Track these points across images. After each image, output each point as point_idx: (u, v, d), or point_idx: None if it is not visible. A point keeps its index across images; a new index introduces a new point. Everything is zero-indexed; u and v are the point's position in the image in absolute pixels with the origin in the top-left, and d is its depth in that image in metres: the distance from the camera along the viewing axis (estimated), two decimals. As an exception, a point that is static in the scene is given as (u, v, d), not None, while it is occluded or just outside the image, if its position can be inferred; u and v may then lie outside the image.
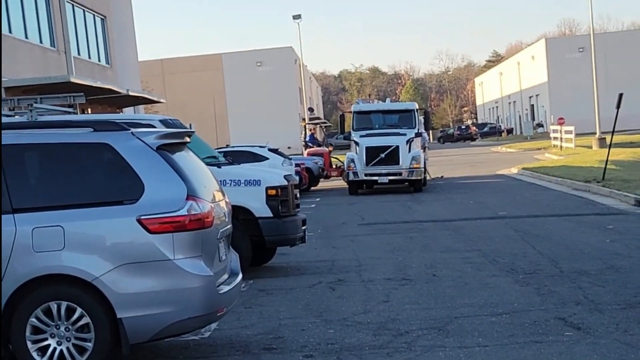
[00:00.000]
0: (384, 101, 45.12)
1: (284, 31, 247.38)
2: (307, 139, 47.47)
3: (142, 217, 8.48)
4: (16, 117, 13.78)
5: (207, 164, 14.97)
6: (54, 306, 8.44)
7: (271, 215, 14.96)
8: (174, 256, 8.52)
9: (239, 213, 14.72)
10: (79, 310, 8.43)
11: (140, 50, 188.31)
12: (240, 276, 9.89)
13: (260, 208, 14.96)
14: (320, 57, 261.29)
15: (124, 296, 8.41)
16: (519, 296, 12.05)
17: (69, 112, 15.67)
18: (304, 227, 15.56)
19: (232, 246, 13.95)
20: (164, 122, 14.76)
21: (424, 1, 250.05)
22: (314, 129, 49.63)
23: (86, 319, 8.44)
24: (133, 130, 8.88)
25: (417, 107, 38.06)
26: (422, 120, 38.83)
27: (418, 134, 36.24)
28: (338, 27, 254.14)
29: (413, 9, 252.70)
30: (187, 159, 9.39)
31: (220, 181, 14.81)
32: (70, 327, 8.46)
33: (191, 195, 8.67)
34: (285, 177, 15.33)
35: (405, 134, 35.37)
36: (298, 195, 15.75)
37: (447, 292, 12.64)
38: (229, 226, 9.75)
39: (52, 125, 9.36)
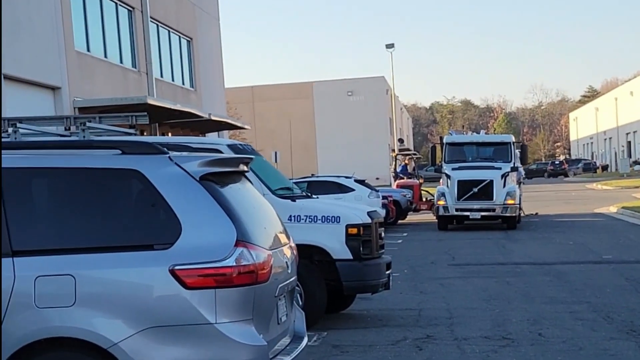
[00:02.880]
0: (478, 133, 43.19)
1: (376, 60, 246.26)
2: (399, 169, 45.40)
3: (177, 268, 6.59)
4: (72, 137, 12.12)
5: (280, 196, 13.17)
6: (58, 380, 6.57)
7: (351, 257, 12.97)
8: (215, 319, 6.59)
9: (314, 254, 12.89)
10: (90, 387, 6.55)
11: (230, 76, 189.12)
12: (305, 340, 7.90)
13: (338, 249, 12.99)
14: (412, 88, 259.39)
15: None
16: (648, 369, 9.93)
17: (129, 134, 13.93)
18: (388, 272, 13.55)
19: (304, 291, 12.08)
20: (233, 147, 12.95)
21: (518, 33, 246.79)
22: (407, 159, 47.51)
23: (99, 399, 6.55)
24: (171, 154, 7.00)
25: (513, 139, 36.02)
26: (518, 153, 36.68)
27: (514, 168, 34.21)
28: (431, 59, 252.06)
29: (507, 41, 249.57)
30: (241, 192, 7.47)
31: (294, 216, 13.05)
32: (79, 407, 6.56)
33: (242, 240, 6.75)
34: (368, 213, 13.36)
35: (500, 168, 33.43)
36: (383, 234, 13.76)
37: (559, 359, 10.51)
38: (292, 279, 7.78)
39: (68, 146, 7.43)
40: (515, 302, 15.04)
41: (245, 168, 7.77)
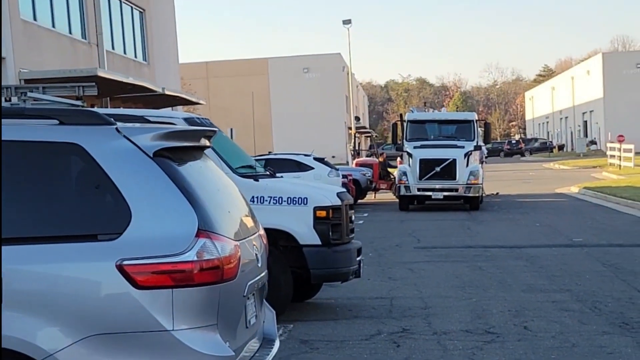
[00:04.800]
0: (439, 111, 42.23)
1: (331, 37, 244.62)
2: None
3: (126, 263, 5.43)
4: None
5: (241, 175, 11.99)
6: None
7: (319, 242, 11.79)
8: (173, 325, 5.45)
9: (279, 239, 11.72)
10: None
11: (184, 52, 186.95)
12: (277, 344, 6.76)
13: (305, 233, 11.82)
14: (367, 66, 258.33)
15: None
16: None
17: (76, 106, 12.67)
18: (359, 258, 12.42)
19: (268, 280, 10.87)
20: (190, 121, 11.76)
21: (474, 14, 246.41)
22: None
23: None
24: (119, 125, 5.81)
25: (476, 117, 35.09)
26: (481, 132, 35.79)
27: (477, 147, 33.30)
28: (386, 37, 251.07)
29: (463, 22, 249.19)
30: (202, 171, 6.29)
31: (257, 197, 11.83)
32: None
33: (205, 229, 5.60)
34: (338, 195, 12.21)
35: (463, 147, 32.57)
36: (353, 217, 12.63)
37: (552, 358, 9.45)
38: (262, 274, 6.62)
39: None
40: (492, 290, 14.01)
41: (207, 142, 6.57)
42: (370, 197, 38.98)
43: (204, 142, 6.49)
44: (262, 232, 6.96)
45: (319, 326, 11.45)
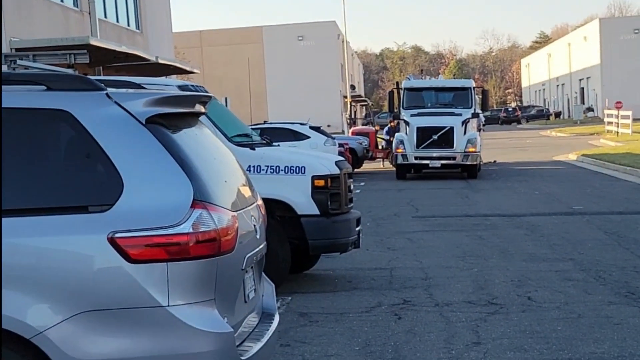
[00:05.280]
0: (436, 78, 41.90)
1: (326, 5, 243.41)
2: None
3: (118, 236, 5.14)
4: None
5: (237, 144, 11.69)
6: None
7: (318, 212, 11.52)
8: (168, 301, 5.17)
9: (276, 209, 11.43)
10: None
11: (178, 21, 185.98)
12: (276, 319, 6.49)
13: (303, 203, 11.54)
14: (362, 34, 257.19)
15: None
16: (664, 341, 8.66)
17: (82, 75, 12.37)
18: (358, 228, 12.15)
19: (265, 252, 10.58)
20: (184, 88, 11.46)
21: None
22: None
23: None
24: (110, 90, 5.51)
25: (474, 84, 34.73)
26: (478, 99, 35.47)
27: (475, 115, 33.00)
28: (381, 5, 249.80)
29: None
30: (198, 139, 5.98)
31: (254, 167, 11.53)
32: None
33: (201, 199, 5.31)
34: (336, 163, 11.93)
35: (460, 114, 32.26)
36: (352, 186, 12.34)
37: (558, 329, 9.19)
38: (261, 246, 6.34)
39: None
40: (493, 260, 13.76)
41: (202, 109, 6.25)
42: (378, 165, 38.68)
43: (199, 108, 6.18)
44: (260, 202, 6.68)
45: (318, 298, 11.20)
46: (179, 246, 5.18)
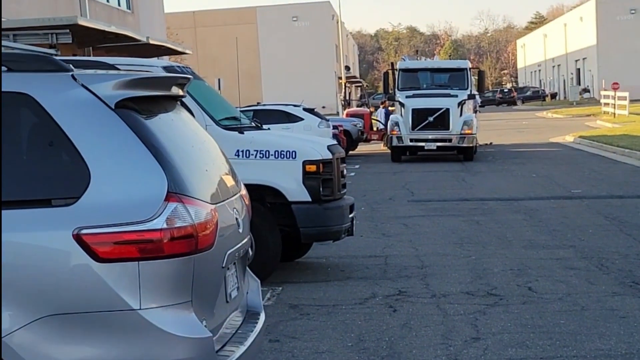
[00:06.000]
0: (432, 59, 41.40)
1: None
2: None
3: (85, 232, 4.66)
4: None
5: (225, 127, 11.20)
6: None
7: (309, 199, 11.02)
8: (140, 304, 4.69)
9: (266, 195, 10.97)
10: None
11: (171, 1, 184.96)
12: (262, 318, 6.02)
13: (294, 189, 11.04)
14: (357, 15, 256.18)
15: None
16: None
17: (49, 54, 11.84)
18: (351, 215, 11.67)
19: (255, 240, 10.06)
20: (169, 69, 10.95)
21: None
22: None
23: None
24: (76, 72, 5.02)
25: (470, 65, 34.22)
26: (474, 80, 34.98)
27: (471, 96, 32.55)
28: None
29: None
30: (174, 125, 5.49)
31: (242, 151, 11.03)
32: None
33: (176, 191, 4.82)
34: (329, 148, 11.43)
35: (456, 96, 31.80)
36: (345, 172, 11.86)
37: (562, 323, 8.73)
38: (244, 240, 5.85)
39: None
40: (492, 247, 13.30)
41: (180, 92, 5.74)
42: (375, 146, 38.20)
43: (176, 91, 5.67)
44: (244, 192, 6.19)
45: (310, 288, 10.73)
46: (151, 243, 4.70)
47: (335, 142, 12.43)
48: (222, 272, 5.33)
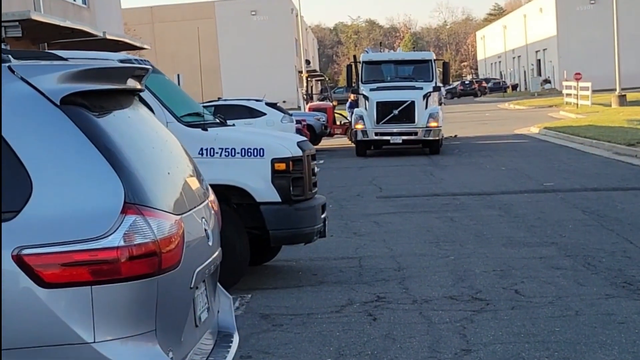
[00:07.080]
0: (395, 51, 40.84)
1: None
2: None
3: (26, 252, 3.93)
4: None
5: (188, 124, 10.46)
6: None
7: (279, 199, 10.29)
8: (93, 336, 3.96)
9: (232, 196, 10.24)
10: None
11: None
12: (236, 340, 5.30)
13: (263, 189, 10.30)
14: (316, 8, 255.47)
15: None
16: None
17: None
18: (323, 216, 10.95)
19: (222, 245, 9.33)
20: (126, 62, 10.15)
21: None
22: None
23: None
24: (13, 63, 4.27)
25: (434, 57, 33.66)
26: (439, 72, 34.44)
27: (436, 88, 32.00)
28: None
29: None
30: (131, 124, 4.74)
31: (206, 150, 10.24)
32: None
33: (134, 202, 4.10)
34: (298, 144, 10.71)
35: (421, 88, 31.26)
36: (316, 169, 11.15)
37: (557, 331, 8.05)
38: (215, 255, 5.12)
39: None
40: (470, 245, 12.65)
41: (137, 85, 5.00)
42: (344, 140, 37.54)
43: (133, 84, 4.92)
44: (212, 197, 5.47)
45: (281, 295, 10.00)
46: (106, 264, 3.98)
47: (304, 138, 11.72)
48: (191, 294, 4.61)
